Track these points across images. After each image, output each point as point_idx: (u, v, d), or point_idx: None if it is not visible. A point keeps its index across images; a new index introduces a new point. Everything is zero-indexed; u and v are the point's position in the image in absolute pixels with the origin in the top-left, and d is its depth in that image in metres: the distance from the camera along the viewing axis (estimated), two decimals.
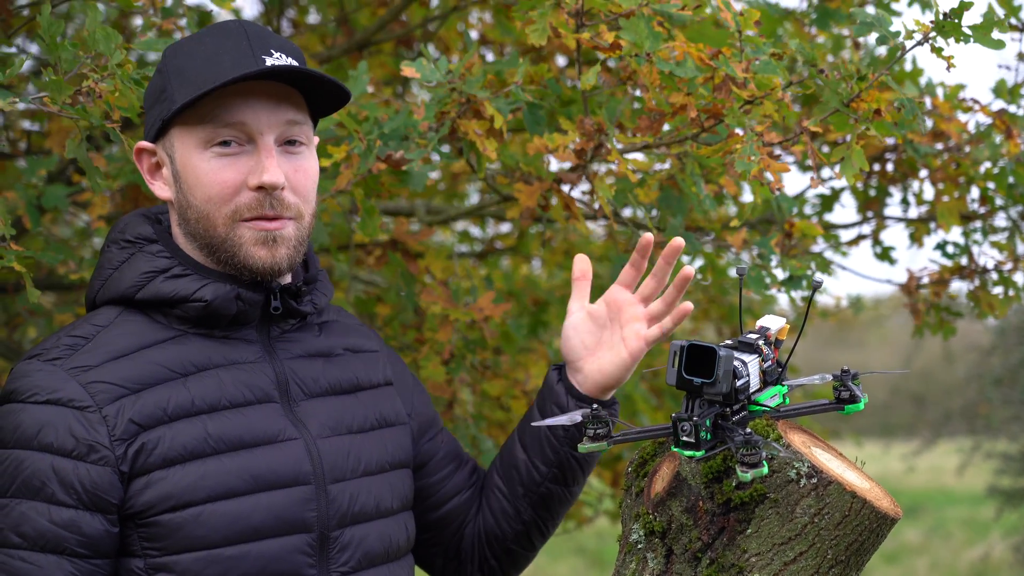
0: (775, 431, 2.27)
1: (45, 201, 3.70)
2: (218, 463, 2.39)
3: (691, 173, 3.33)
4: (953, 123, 3.83)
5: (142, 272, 2.46)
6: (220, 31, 2.47)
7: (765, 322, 2.35)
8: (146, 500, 2.35)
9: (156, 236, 2.50)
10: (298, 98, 2.49)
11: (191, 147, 2.45)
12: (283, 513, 2.41)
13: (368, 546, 2.51)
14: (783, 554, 2.23)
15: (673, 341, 2.19)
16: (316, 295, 2.59)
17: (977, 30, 2.92)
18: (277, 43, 2.46)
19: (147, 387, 2.39)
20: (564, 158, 3.23)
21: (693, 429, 2.18)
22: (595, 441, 2.32)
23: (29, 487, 2.32)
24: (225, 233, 2.45)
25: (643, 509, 2.34)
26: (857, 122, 3.02)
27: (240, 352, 2.49)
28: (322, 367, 2.57)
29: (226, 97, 2.42)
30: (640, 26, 3.00)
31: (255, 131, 2.43)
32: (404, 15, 5.00)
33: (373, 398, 2.64)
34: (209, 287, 2.44)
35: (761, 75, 3.00)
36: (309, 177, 2.51)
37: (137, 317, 2.47)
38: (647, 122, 3.18)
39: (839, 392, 2.35)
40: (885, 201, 4.34)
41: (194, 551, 2.35)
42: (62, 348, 2.40)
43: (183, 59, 2.45)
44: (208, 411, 2.41)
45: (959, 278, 4.09)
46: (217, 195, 2.44)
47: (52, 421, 2.33)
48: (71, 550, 2.32)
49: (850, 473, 2.27)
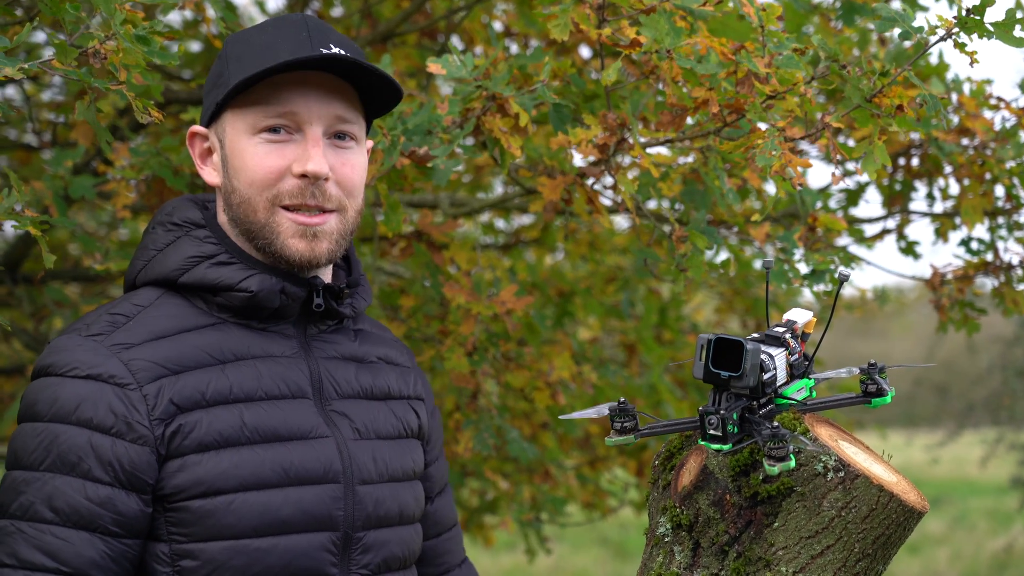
0: (802, 424, 2.28)
1: (72, 191, 3.72)
2: (252, 453, 2.38)
3: (714, 167, 3.33)
4: (979, 120, 3.82)
5: (188, 256, 2.46)
6: (283, 22, 2.49)
7: (792, 315, 2.36)
8: (177, 483, 2.34)
9: (204, 222, 2.51)
10: (352, 95, 2.50)
11: (241, 131, 2.46)
12: (311, 509, 2.40)
13: (389, 551, 2.52)
14: (810, 547, 2.23)
15: (700, 335, 2.20)
16: (356, 299, 2.60)
17: (999, 27, 2.91)
18: (337, 38, 2.47)
19: (187, 370, 2.38)
20: (587, 153, 3.23)
21: (720, 422, 2.19)
22: (622, 435, 2.33)
23: (65, 462, 2.30)
24: (265, 219, 2.45)
25: (670, 502, 2.35)
26: (879, 118, 3.01)
27: (277, 346, 2.49)
28: (355, 371, 2.57)
29: (279, 85, 2.43)
30: (660, 22, 3.00)
31: (304, 120, 2.44)
32: (428, 6, 5.00)
33: (402, 409, 2.64)
34: (255, 278, 2.45)
35: (783, 70, 2.99)
36: (356, 171, 2.51)
37: (178, 300, 2.46)
38: (669, 117, 3.18)
39: (866, 385, 2.36)
40: (910, 196, 4.33)
41: (221, 540, 2.34)
42: (103, 324, 2.39)
43: (243, 46, 2.47)
44: (245, 400, 2.40)
45: (984, 274, 4.08)
46: (260, 180, 2.45)
47: (92, 396, 2.31)
48: (104, 528, 2.30)
49: (877, 466, 2.27)
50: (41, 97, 5.64)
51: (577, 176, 3.34)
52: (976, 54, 2.92)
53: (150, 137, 4.69)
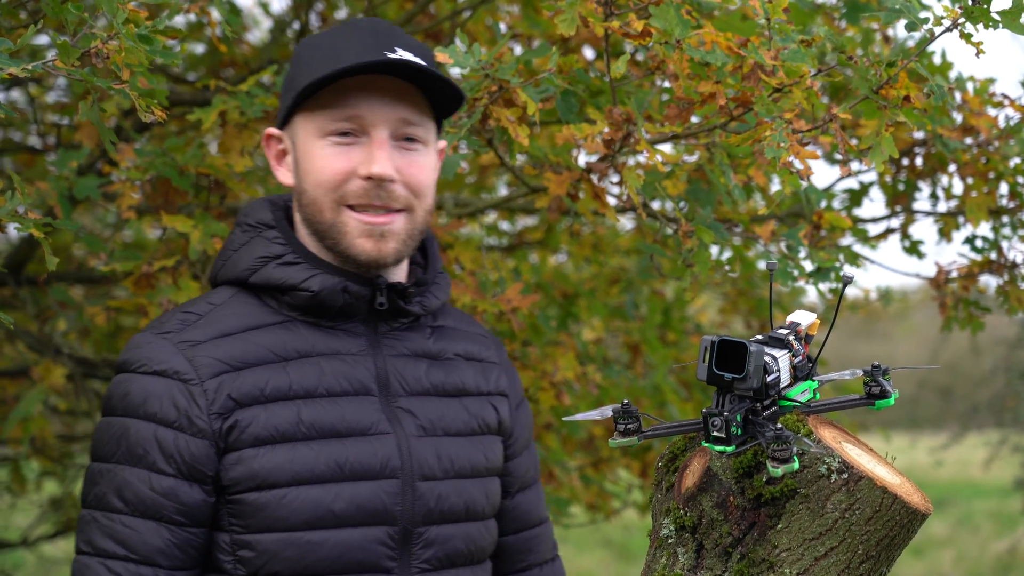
0: (806, 426, 2.27)
1: (77, 192, 3.72)
2: (307, 448, 2.45)
3: (720, 163, 3.33)
4: (983, 118, 3.81)
5: (257, 256, 2.55)
6: (352, 27, 2.56)
7: (795, 317, 2.35)
8: (234, 476, 2.43)
9: (274, 222, 2.58)
10: (419, 98, 2.55)
11: (310, 134, 2.53)
12: (366, 504, 2.46)
13: (452, 546, 2.56)
14: (814, 549, 2.23)
15: (704, 336, 2.19)
16: (428, 297, 2.65)
17: (1006, 15, 2.91)
18: (405, 41, 2.53)
19: (248, 367, 2.47)
20: (593, 148, 3.23)
21: (724, 424, 2.18)
22: (625, 436, 2.32)
23: (132, 454, 2.42)
24: (332, 219, 2.52)
25: (674, 504, 2.34)
26: (886, 109, 3.01)
27: (344, 344, 2.55)
28: (426, 368, 2.62)
29: (347, 89, 2.49)
30: (670, 13, 3.01)
31: (369, 123, 2.51)
32: (432, 8, 5.00)
33: (479, 404, 2.69)
34: (317, 278, 2.51)
35: (790, 63, 2.99)
36: (423, 173, 2.56)
37: (250, 299, 2.55)
38: (676, 111, 3.18)
39: (870, 387, 2.35)
40: (914, 195, 4.32)
41: (275, 532, 2.42)
42: (175, 322, 2.50)
43: (312, 51, 2.55)
44: (304, 397, 2.48)
45: (988, 273, 4.07)
46: (327, 181, 2.51)
47: (157, 391, 2.43)
48: (169, 517, 2.41)
49: (881, 468, 2.27)
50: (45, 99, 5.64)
51: (583, 172, 3.34)
52: (982, 45, 2.92)
53: (154, 139, 4.69)
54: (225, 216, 3.64)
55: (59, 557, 9.09)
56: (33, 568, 9.45)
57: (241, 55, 5.46)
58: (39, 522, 7.85)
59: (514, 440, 2.77)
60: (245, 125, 3.68)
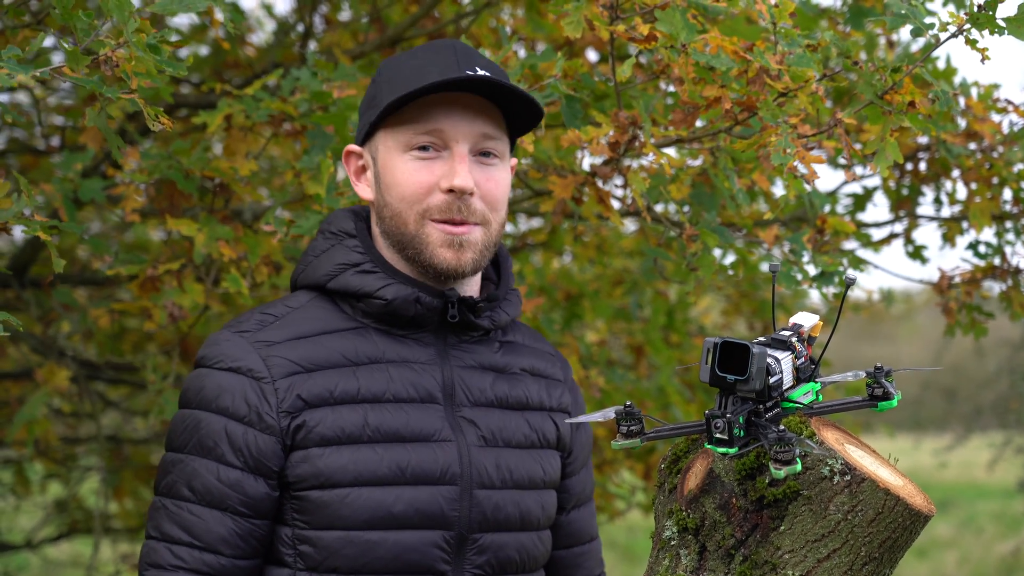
0: (808, 428, 2.27)
1: (82, 194, 3.73)
2: (371, 451, 2.54)
3: (724, 167, 3.33)
4: (987, 124, 3.81)
5: (336, 263, 2.65)
6: (432, 47, 2.66)
7: (798, 319, 2.35)
8: (299, 473, 2.53)
9: (355, 232, 2.68)
10: (496, 115, 2.64)
11: (393, 149, 2.63)
12: (424, 508, 2.55)
13: (506, 554, 2.64)
14: (816, 551, 2.22)
15: (706, 338, 2.19)
16: (498, 313, 2.73)
17: (1012, 22, 2.91)
18: (483, 62, 2.63)
19: (320, 369, 2.57)
20: (598, 151, 3.23)
21: (726, 426, 2.18)
22: (628, 438, 2.31)
23: (203, 446, 2.53)
24: (415, 231, 2.61)
25: (676, 506, 2.34)
26: (891, 114, 3.01)
27: (414, 352, 2.64)
28: (492, 380, 2.70)
29: (429, 105, 2.59)
30: (676, 17, 3.01)
31: (451, 138, 2.60)
32: (436, 11, 5.00)
33: (540, 419, 2.76)
34: (392, 287, 2.61)
35: (795, 67, 3.00)
36: (499, 187, 2.66)
37: (327, 304, 2.65)
38: (681, 115, 3.19)
39: (872, 389, 2.36)
40: (918, 200, 4.32)
41: (335, 530, 2.52)
42: (253, 322, 2.61)
43: (394, 70, 2.64)
44: (372, 401, 2.57)
45: (991, 278, 4.06)
46: (411, 194, 2.60)
47: (231, 387, 2.54)
48: (233, 508, 2.52)
49: (883, 470, 2.27)
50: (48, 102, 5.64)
51: (588, 176, 3.35)
52: (987, 51, 2.92)
53: (159, 141, 4.69)
54: (230, 219, 3.64)
55: (63, 559, 9.09)
56: (37, 570, 9.44)
57: (245, 57, 5.46)
58: (43, 524, 7.85)
59: (573, 459, 2.85)
60: (250, 128, 3.69)
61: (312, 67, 3.71)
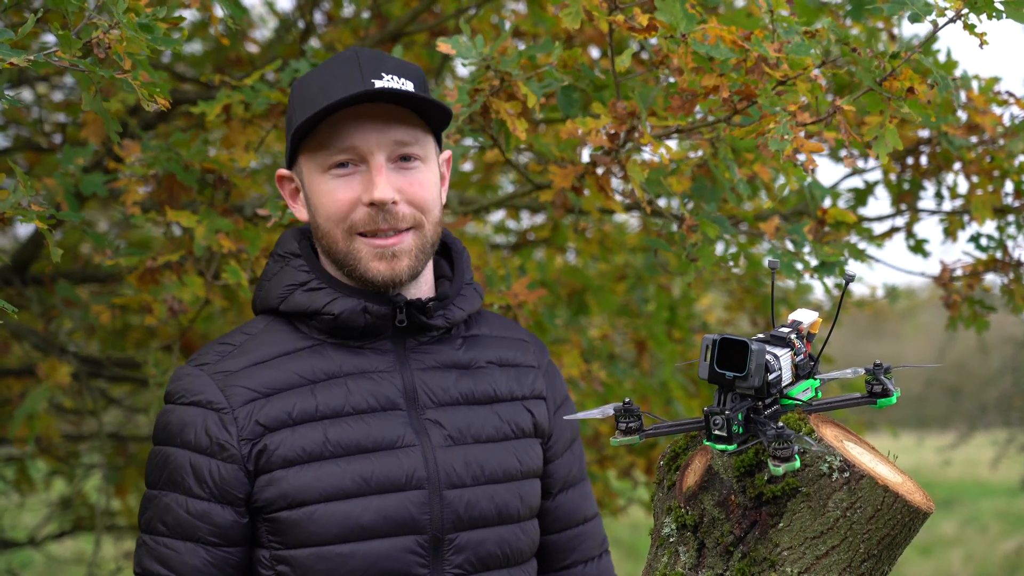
0: (807, 425, 2.26)
1: (84, 187, 3.74)
2: (334, 466, 2.57)
3: (724, 158, 3.32)
4: (988, 116, 3.80)
5: (285, 285, 2.68)
6: (337, 60, 2.66)
7: (797, 316, 2.35)
8: (267, 497, 2.56)
9: (300, 251, 2.71)
10: (411, 117, 2.65)
11: (314, 171, 2.65)
12: (393, 515, 2.57)
13: (486, 550, 2.66)
14: (815, 548, 2.22)
15: (705, 335, 2.19)
16: (451, 310, 2.73)
17: (1009, 5, 2.90)
18: (391, 66, 2.63)
19: (277, 392, 2.60)
20: (597, 142, 3.23)
21: (725, 423, 2.18)
22: (627, 435, 2.31)
23: (172, 480, 2.58)
24: (345, 248, 2.64)
25: (675, 503, 2.34)
26: (890, 102, 3.00)
27: (372, 362, 2.66)
28: (456, 378, 2.71)
29: (338, 122, 2.61)
30: (676, 7, 3.01)
31: (366, 152, 2.61)
32: (437, 6, 4.99)
33: (512, 410, 2.76)
34: (338, 301, 2.63)
35: (794, 56, 2.99)
36: (424, 189, 2.65)
37: (283, 327, 2.68)
38: (679, 102, 3.18)
39: (871, 386, 2.34)
40: (919, 194, 4.31)
41: (308, 547, 2.55)
42: (212, 354, 2.65)
43: (304, 89, 2.65)
44: (332, 416, 2.60)
45: (993, 272, 4.06)
46: (335, 213, 2.63)
47: (193, 421, 2.58)
48: (204, 539, 2.56)
49: (882, 467, 2.26)
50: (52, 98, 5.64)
51: (588, 165, 3.34)
52: (986, 35, 2.91)
53: (160, 136, 4.69)
54: (230, 212, 3.64)
55: (66, 557, 9.09)
56: (41, 568, 9.46)
57: (247, 54, 5.46)
58: (47, 521, 7.86)
59: (554, 442, 2.84)
60: (250, 121, 3.68)
61: (311, 59, 3.71)
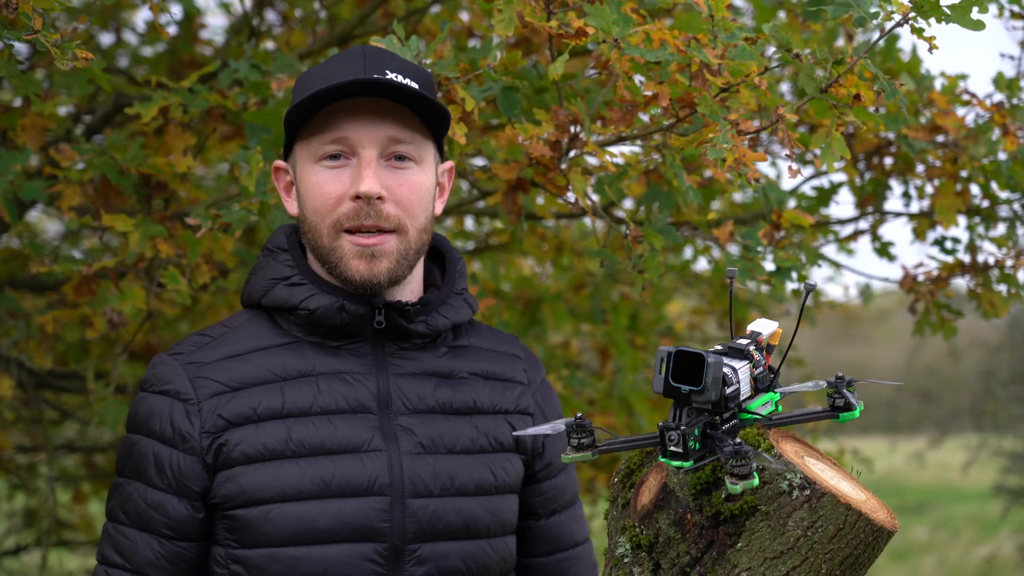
0: (766, 440, 2.22)
1: (24, 194, 3.66)
2: (294, 466, 2.54)
3: (672, 165, 3.26)
4: (950, 117, 3.75)
5: (268, 278, 2.66)
6: (344, 55, 2.65)
7: (757, 326, 2.30)
8: (225, 493, 2.54)
9: (287, 246, 2.69)
10: (410, 117, 2.61)
11: (306, 161, 2.63)
12: (351, 521, 2.53)
13: (449, 564, 2.61)
14: (775, 569, 2.17)
15: (660, 347, 2.14)
16: (434, 317, 2.69)
17: (956, 10, 2.89)
18: (397, 64, 2.62)
19: (245, 387, 2.58)
20: (537, 151, 3.15)
21: (681, 439, 2.12)
22: (579, 451, 2.25)
23: (135, 469, 2.58)
24: (329, 243, 2.61)
25: (629, 522, 2.29)
26: (836, 108, 2.94)
27: (347, 363, 2.63)
28: (434, 386, 2.67)
29: (334, 113, 2.58)
30: (606, 12, 2.94)
31: (357, 144, 2.58)
32: (388, 8, 4.92)
33: (491, 423, 2.71)
34: (315, 297, 2.61)
35: (736, 62, 2.92)
36: (414, 191, 2.62)
37: (264, 321, 2.67)
38: (619, 113, 3.14)
39: (833, 399, 2.29)
40: (884, 196, 4.27)
41: (261, 547, 2.53)
42: (188, 344, 2.64)
43: (307, 81, 2.64)
44: (297, 415, 2.57)
45: (960, 275, 4.01)
46: (322, 206, 2.60)
47: (160, 410, 2.58)
48: (158, 530, 2.56)
49: (845, 484, 2.22)
50: None
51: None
52: (935, 39, 2.88)
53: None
54: (169, 220, 3.54)
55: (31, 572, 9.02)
56: None
57: (201, 56, 5.40)
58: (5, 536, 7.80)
59: (547, 462, 2.81)
60: (188, 124, 3.59)
61: (251, 59, 3.62)
